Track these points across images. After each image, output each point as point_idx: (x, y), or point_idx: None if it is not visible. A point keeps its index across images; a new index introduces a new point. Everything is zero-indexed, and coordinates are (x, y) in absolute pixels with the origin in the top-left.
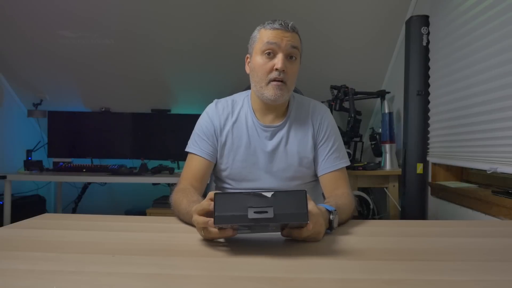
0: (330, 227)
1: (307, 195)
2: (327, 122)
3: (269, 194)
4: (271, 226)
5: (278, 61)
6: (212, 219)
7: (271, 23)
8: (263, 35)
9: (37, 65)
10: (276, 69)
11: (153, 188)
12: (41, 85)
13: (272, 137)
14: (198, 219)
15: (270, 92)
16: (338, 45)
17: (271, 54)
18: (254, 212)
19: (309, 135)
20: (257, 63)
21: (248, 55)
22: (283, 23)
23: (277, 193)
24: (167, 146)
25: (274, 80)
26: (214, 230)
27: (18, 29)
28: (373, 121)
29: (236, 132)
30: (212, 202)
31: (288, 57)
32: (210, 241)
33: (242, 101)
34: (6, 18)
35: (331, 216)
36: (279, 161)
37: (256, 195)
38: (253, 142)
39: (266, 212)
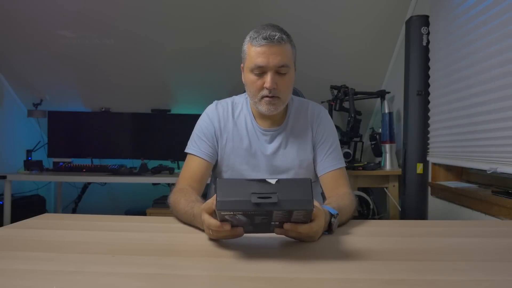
0: (329, 229)
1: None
2: (325, 123)
3: (273, 181)
4: (275, 218)
5: (267, 81)
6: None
7: (256, 37)
8: (251, 52)
9: (37, 65)
10: (266, 88)
11: (153, 188)
12: (41, 85)
13: (271, 140)
14: (209, 220)
15: (263, 107)
16: (338, 45)
17: (260, 73)
18: (258, 198)
19: (308, 137)
20: (248, 80)
21: (242, 65)
22: (268, 37)
23: (281, 180)
24: (167, 146)
25: (266, 96)
26: (226, 227)
27: (18, 29)
28: (373, 121)
29: (237, 134)
30: (212, 222)
31: (279, 73)
32: (209, 241)
33: (241, 103)
34: (7, 18)
35: (332, 219)
36: (279, 163)
37: (260, 181)
38: (254, 145)
39: (270, 197)
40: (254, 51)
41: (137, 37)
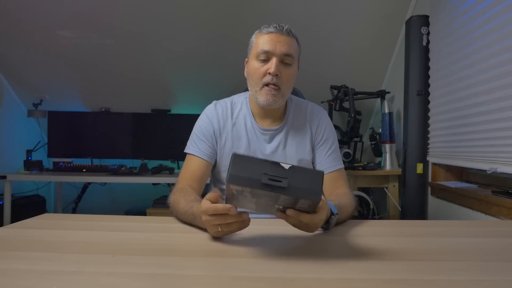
0: (326, 226)
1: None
2: (325, 124)
3: (286, 166)
4: (280, 202)
5: (272, 66)
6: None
7: (266, 26)
8: (259, 40)
9: (37, 65)
10: (269, 74)
11: (153, 188)
12: (41, 85)
13: (270, 140)
14: (207, 205)
15: (263, 97)
16: (338, 45)
17: (265, 59)
18: (269, 179)
19: (307, 137)
20: (252, 67)
21: (246, 59)
22: (278, 26)
23: (295, 166)
24: (167, 146)
25: (268, 84)
26: (233, 211)
27: (18, 29)
28: (373, 121)
29: (236, 134)
30: (219, 205)
31: (283, 62)
32: (209, 241)
33: (240, 103)
34: (7, 18)
35: (331, 217)
36: None
37: (274, 163)
38: (253, 145)
39: (280, 181)
40: (262, 39)
41: (137, 37)
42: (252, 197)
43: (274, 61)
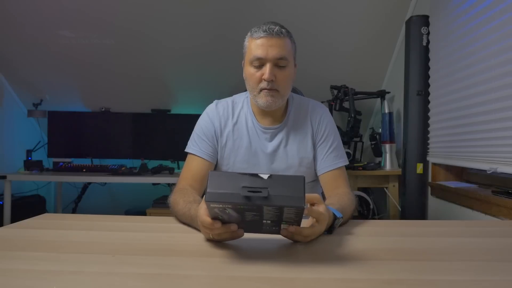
0: (330, 230)
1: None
2: (326, 122)
3: (265, 176)
4: (266, 215)
5: (266, 72)
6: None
7: (256, 30)
8: (251, 45)
9: (37, 65)
10: (265, 80)
11: (153, 188)
12: (41, 85)
13: (272, 138)
14: (203, 216)
15: (262, 99)
16: (338, 45)
17: (259, 65)
18: (248, 191)
19: (308, 135)
20: (248, 73)
21: (243, 61)
22: (268, 29)
23: (274, 175)
24: (167, 146)
25: (265, 89)
26: (217, 225)
27: (18, 29)
28: (373, 121)
29: (237, 133)
30: (206, 219)
31: (277, 65)
32: (209, 242)
33: (242, 102)
34: (7, 18)
35: (336, 222)
36: (279, 162)
37: (252, 175)
38: (254, 144)
39: (260, 192)
40: (253, 44)
41: (138, 37)
42: (237, 214)
43: (267, 67)
